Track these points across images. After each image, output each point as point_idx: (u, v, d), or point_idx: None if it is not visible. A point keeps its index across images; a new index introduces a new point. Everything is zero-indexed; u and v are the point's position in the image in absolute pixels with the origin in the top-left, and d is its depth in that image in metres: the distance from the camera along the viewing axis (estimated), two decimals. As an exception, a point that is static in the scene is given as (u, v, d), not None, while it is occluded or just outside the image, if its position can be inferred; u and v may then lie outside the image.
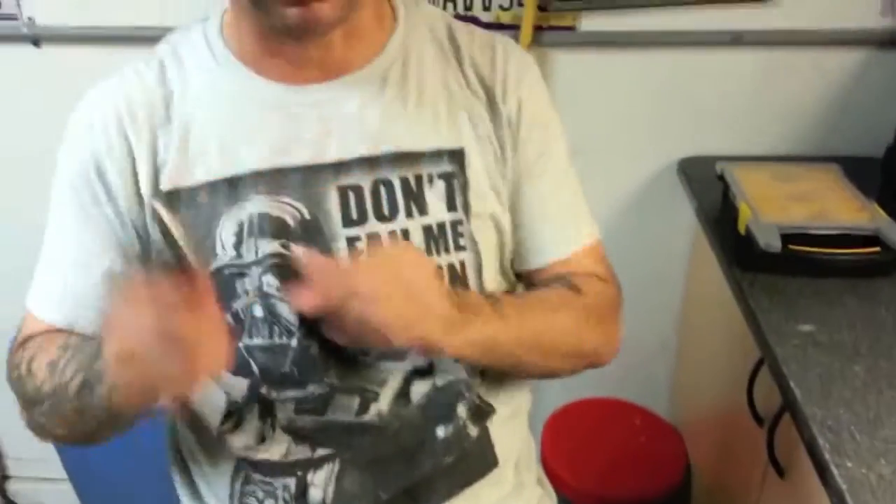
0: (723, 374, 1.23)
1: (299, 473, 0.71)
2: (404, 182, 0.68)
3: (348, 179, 0.66)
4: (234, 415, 0.72)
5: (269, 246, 0.65)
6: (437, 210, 0.69)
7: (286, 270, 0.66)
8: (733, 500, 1.17)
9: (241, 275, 0.66)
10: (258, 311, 0.67)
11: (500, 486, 0.79)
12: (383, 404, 0.70)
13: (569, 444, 1.51)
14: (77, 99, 0.71)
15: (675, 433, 1.54)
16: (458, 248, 0.69)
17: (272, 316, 0.67)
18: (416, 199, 0.68)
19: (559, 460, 1.46)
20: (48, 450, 1.09)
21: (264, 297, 0.66)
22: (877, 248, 0.98)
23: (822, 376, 0.81)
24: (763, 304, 0.94)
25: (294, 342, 0.67)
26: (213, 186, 0.66)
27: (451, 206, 0.69)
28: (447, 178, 0.69)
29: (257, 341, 0.68)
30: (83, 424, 0.64)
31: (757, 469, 1.03)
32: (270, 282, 0.66)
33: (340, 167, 0.66)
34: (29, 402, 0.67)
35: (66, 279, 0.69)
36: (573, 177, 0.77)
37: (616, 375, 1.68)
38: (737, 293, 1.00)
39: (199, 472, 0.77)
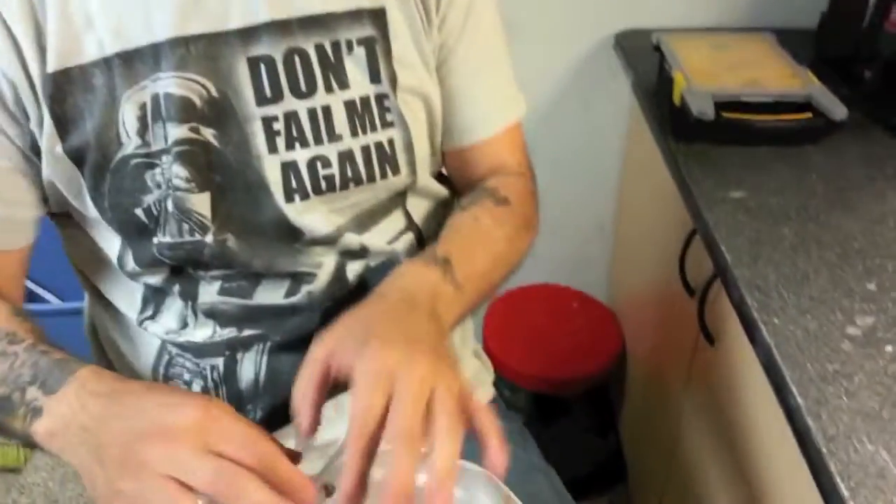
0: (657, 250, 1.24)
1: (227, 353, 0.68)
2: (320, 50, 0.61)
3: (257, 49, 0.59)
4: (153, 301, 0.68)
5: (177, 131, 0.59)
6: (360, 83, 0.63)
7: (197, 158, 0.59)
8: (666, 373, 1.20)
9: (151, 165, 0.60)
10: (171, 206, 0.61)
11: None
12: (316, 286, 0.67)
13: (509, 329, 1.52)
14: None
15: (611, 315, 1.57)
16: (385, 124, 0.64)
17: (180, 212, 0.61)
18: (334, 71, 0.62)
19: (500, 345, 1.48)
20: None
21: (173, 189, 0.60)
22: (808, 114, 0.97)
23: (751, 240, 0.81)
24: (695, 173, 0.93)
25: (209, 238, 0.62)
26: (106, 64, 0.57)
27: (375, 78, 0.63)
28: (368, 44, 0.63)
29: (166, 239, 0.62)
30: None
31: (688, 340, 1.05)
32: (179, 173, 0.59)
33: (247, 34, 0.59)
34: None
35: None
36: (503, 44, 0.73)
37: (555, 261, 1.70)
38: (670, 163, 0.99)
39: (121, 360, 0.74)
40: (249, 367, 0.68)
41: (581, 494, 0.77)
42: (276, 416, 0.70)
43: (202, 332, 0.67)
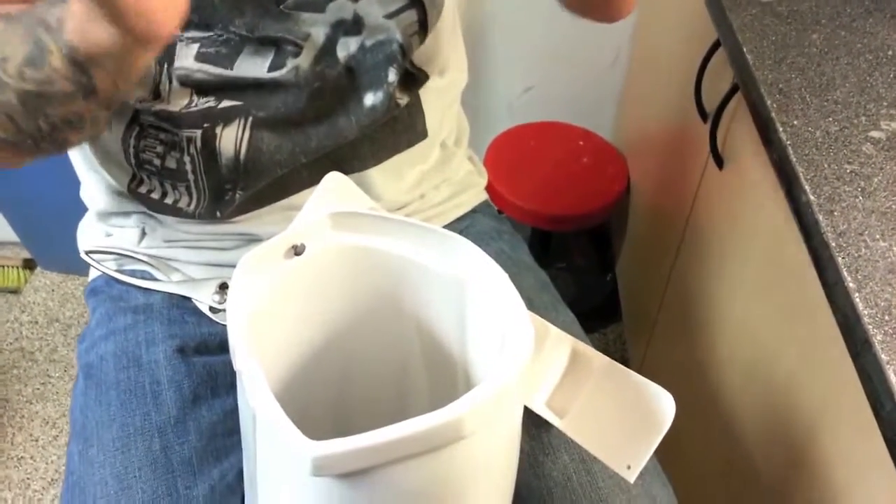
0: (672, 74, 1.17)
1: (206, 125, 0.63)
2: None
3: None
4: None
5: None
6: None
7: None
8: (670, 204, 1.17)
9: None
10: None
11: (427, 158, 0.74)
12: (303, 61, 0.61)
13: (511, 165, 1.48)
14: None
15: (616, 152, 1.52)
16: None
17: None
18: None
19: (501, 180, 1.43)
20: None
21: None
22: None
23: (777, 44, 0.75)
24: (723, -24, 0.85)
25: None
26: None
27: None
28: None
29: None
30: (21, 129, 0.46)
31: (697, 166, 1.00)
32: None
33: None
34: None
35: None
36: None
37: (563, 99, 1.63)
38: (696, -33, 0.90)
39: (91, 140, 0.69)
40: (230, 144, 0.63)
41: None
42: (256, 199, 0.67)
43: (178, 100, 0.62)
